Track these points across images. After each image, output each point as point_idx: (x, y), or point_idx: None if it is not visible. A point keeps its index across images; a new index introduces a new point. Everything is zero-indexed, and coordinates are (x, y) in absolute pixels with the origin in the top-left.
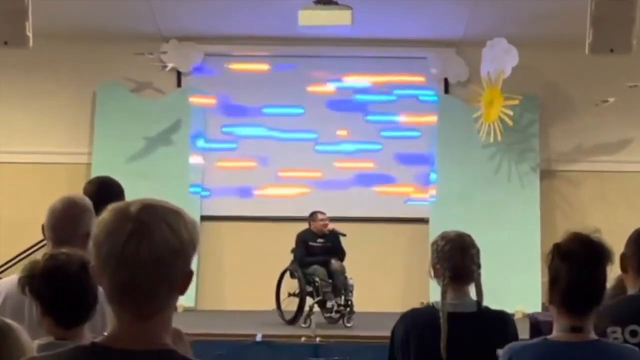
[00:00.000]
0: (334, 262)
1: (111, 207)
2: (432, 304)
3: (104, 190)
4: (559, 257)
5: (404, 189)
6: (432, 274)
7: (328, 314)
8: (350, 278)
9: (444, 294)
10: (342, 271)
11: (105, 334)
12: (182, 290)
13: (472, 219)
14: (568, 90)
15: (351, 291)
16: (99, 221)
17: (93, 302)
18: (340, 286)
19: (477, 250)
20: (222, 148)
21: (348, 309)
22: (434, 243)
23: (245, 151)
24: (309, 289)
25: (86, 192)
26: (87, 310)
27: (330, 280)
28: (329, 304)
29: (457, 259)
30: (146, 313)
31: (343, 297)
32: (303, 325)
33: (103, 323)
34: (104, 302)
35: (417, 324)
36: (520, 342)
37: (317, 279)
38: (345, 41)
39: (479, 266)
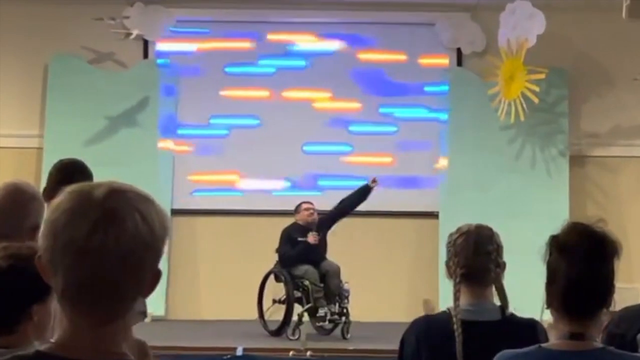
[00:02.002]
0: (328, 263)
1: (71, 189)
2: (448, 309)
3: (79, 178)
4: (556, 251)
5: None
6: (446, 273)
7: (320, 324)
8: (346, 282)
9: (456, 296)
10: (337, 273)
11: (53, 340)
12: (148, 291)
13: (489, 213)
14: (602, 62)
15: (347, 297)
16: (56, 205)
17: (31, 301)
18: (334, 291)
19: (498, 247)
20: (199, 135)
21: (343, 317)
22: (449, 236)
23: (226, 136)
24: (298, 294)
25: (54, 178)
26: (25, 311)
27: (322, 285)
28: (320, 312)
29: (470, 255)
30: (107, 317)
31: (337, 304)
32: (291, 337)
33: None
34: None
35: (430, 333)
36: (512, 350)
37: (306, 283)
38: (338, 4)
39: (498, 265)
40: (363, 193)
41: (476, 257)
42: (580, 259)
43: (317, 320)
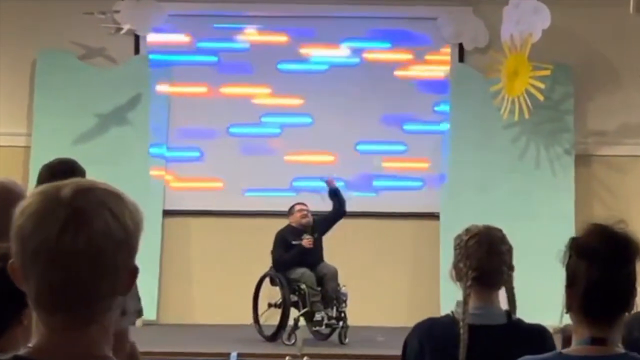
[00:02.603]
0: (324, 265)
1: (36, 191)
2: (452, 312)
3: (71, 177)
4: (576, 254)
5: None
6: (454, 275)
7: (316, 329)
8: (344, 286)
9: (465, 300)
10: (334, 276)
11: (30, 345)
12: (125, 290)
13: (492, 214)
14: (609, 58)
15: (344, 301)
16: (22, 209)
17: (22, 305)
18: (331, 295)
19: (510, 248)
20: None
21: (341, 322)
22: (457, 238)
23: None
24: (294, 298)
25: (45, 178)
26: (16, 315)
27: (320, 288)
28: (317, 316)
29: (483, 256)
30: (83, 319)
31: (335, 309)
32: (287, 343)
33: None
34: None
35: (433, 337)
36: (533, 356)
37: (303, 286)
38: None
39: (510, 267)
40: (333, 195)
41: (490, 259)
42: (602, 262)
43: (314, 324)
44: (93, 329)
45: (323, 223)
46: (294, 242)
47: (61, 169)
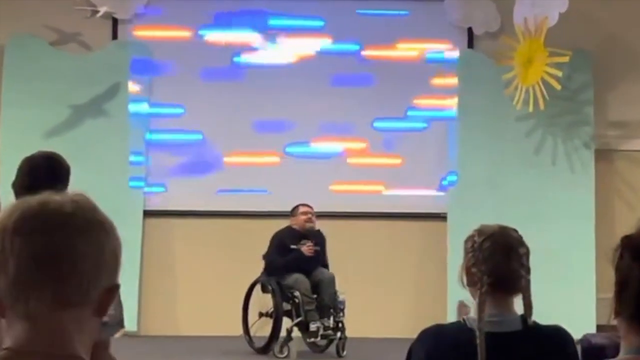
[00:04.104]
0: (321, 271)
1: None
2: (464, 319)
3: (58, 173)
4: (629, 254)
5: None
6: (465, 280)
7: (311, 340)
8: (342, 293)
9: (481, 307)
10: (331, 283)
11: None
12: (103, 307)
13: (504, 214)
14: (631, 44)
15: (342, 310)
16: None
17: None
18: (328, 303)
19: (527, 250)
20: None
21: (339, 333)
22: (469, 239)
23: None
24: (287, 306)
25: (30, 171)
26: None
27: (315, 296)
28: (312, 327)
29: (500, 259)
30: (60, 299)
31: (332, 318)
32: (279, 355)
33: None
34: None
35: (442, 346)
36: None
37: (297, 294)
38: None
39: (528, 271)
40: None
41: (507, 262)
42: None
43: (309, 335)
44: (69, 316)
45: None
46: (292, 247)
47: (44, 164)
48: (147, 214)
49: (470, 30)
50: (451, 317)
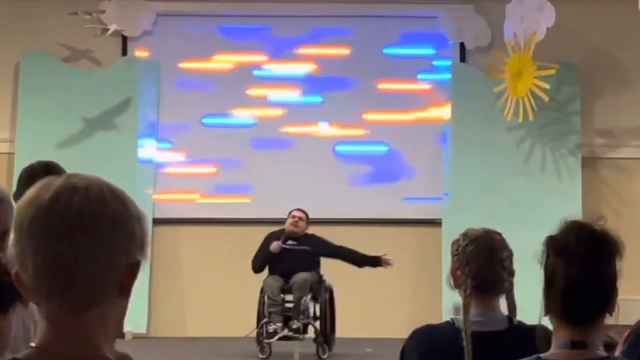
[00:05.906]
0: (298, 275)
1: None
2: (452, 319)
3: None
4: (554, 252)
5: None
6: (452, 283)
7: (270, 340)
8: (307, 297)
9: (466, 309)
10: (301, 287)
11: (33, 345)
12: (126, 286)
13: (496, 219)
14: (617, 56)
15: (304, 312)
16: (17, 210)
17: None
18: (296, 305)
19: (510, 254)
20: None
21: (303, 335)
22: (455, 243)
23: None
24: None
25: (25, 181)
26: None
27: (282, 296)
28: (270, 328)
29: (483, 262)
30: (80, 302)
31: (296, 321)
32: (261, 356)
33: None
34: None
35: (433, 345)
36: None
37: (265, 297)
38: None
39: (511, 274)
40: (364, 261)
41: (490, 266)
42: (580, 261)
43: (268, 337)
44: (91, 316)
45: (328, 248)
46: (282, 247)
47: (42, 172)
48: (156, 222)
49: (462, 45)
50: (446, 318)
